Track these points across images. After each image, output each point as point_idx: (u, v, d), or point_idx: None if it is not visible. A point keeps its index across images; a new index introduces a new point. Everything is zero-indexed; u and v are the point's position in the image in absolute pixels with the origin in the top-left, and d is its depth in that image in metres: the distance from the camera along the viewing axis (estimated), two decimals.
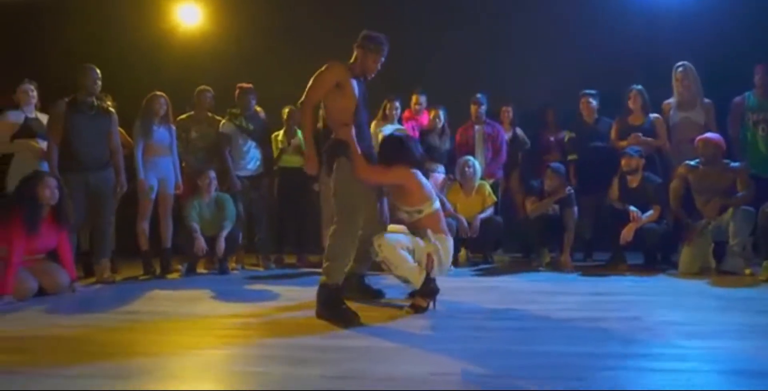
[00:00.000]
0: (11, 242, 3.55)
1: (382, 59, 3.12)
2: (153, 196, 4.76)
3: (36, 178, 3.73)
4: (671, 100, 4.94)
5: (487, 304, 3.15)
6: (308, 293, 3.46)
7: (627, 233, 4.35)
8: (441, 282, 3.02)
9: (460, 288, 3.66)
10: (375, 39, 3.10)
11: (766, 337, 2.39)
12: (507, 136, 5.42)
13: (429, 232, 3.01)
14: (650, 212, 4.41)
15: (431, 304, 2.99)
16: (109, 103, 4.74)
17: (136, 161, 4.67)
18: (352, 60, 3.15)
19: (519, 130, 5.55)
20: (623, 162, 4.52)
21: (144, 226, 4.77)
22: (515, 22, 5.71)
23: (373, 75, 3.16)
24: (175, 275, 4.72)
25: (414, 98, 5.48)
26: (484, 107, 5.30)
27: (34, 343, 2.49)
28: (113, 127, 4.46)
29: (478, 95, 5.32)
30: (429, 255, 2.95)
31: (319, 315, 2.84)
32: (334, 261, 2.91)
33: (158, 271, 4.78)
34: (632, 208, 4.40)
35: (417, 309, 2.93)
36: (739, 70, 4.85)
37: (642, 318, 2.73)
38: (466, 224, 4.78)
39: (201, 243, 4.65)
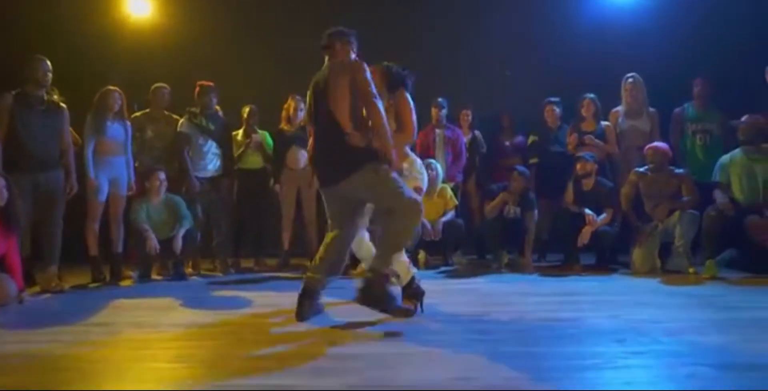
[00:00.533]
0: None
1: None
2: (103, 197, 4.49)
3: None
4: (619, 109, 5.24)
5: (471, 307, 3.21)
6: (283, 299, 3.43)
7: (585, 236, 4.58)
8: None
9: (433, 291, 3.62)
10: (348, 31, 3.01)
11: (732, 332, 2.57)
12: (466, 139, 5.55)
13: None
14: (604, 215, 4.66)
15: (418, 306, 3.01)
16: (56, 97, 4.42)
17: (86, 160, 4.39)
18: (342, 56, 2.99)
19: (478, 133, 5.69)
20: (579, 166, 4.76)
21: (94, 229, 4.49)
22: (476, 27, 5.84)
23: None
24: (127, 282, 4.48)
25: None
26: (445, 111, 5.39)
27: (9, 363, 2.26)
28: (65, 123, 4.18)
29: (440, 99, 5.41)
30: (417, 188, 3.15)
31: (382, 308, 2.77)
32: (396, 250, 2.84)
33: (108, 277, 4.52)
34: (588, 211, 4.63)
35: (406, 312, 2.94)
36: (679, 82, 5.22)
37: (620, 317, 2.89)
38: (429, 227, 4.85)
39: (153, 241, 4.43)
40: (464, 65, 5.87)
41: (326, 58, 3.02)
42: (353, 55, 2.99)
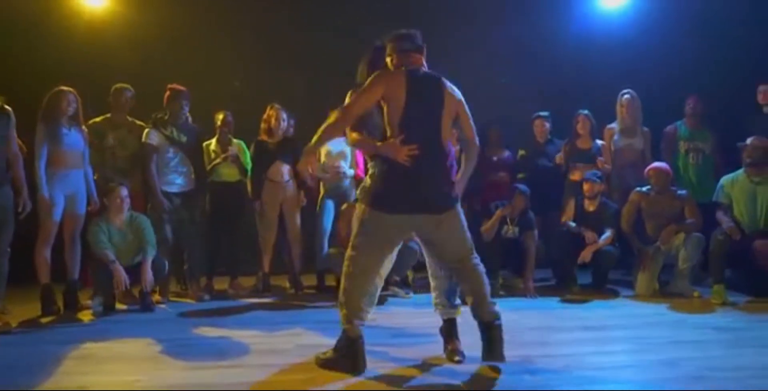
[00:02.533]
0: None
1: None
2: (58, 217, 3.87)
3: None
4: (614, 126, 5.10)
5: (507, 348, 2.86)
6: (276, 339, 3.13)
7: (586, 254, 4.39)
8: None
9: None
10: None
11: None
12: (455, 149, 5.24)
13: None
14: (608, 234, 4.49)
15: None
16: None
17: (38, 174, 3.76)
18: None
19: None
20: (586, 187, 4.57)
21: (45, 254, 3.86)
22: (465, 38, 5.51)
23: None
24: (86, 315, 3.87)
25: None
26: None
27: None
28: (11, 129, 3.54)
29: None
30: None
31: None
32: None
33: (62, 309, 3.90)
34: (588, 231, 4.45)
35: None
36: (669, 100, 5.14)
37: (678, 363, 2.66)
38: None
39: (122, 275, 3.84)
40: (452, 76, 5.53)
41: (390, 61, 2.71)
42: None
